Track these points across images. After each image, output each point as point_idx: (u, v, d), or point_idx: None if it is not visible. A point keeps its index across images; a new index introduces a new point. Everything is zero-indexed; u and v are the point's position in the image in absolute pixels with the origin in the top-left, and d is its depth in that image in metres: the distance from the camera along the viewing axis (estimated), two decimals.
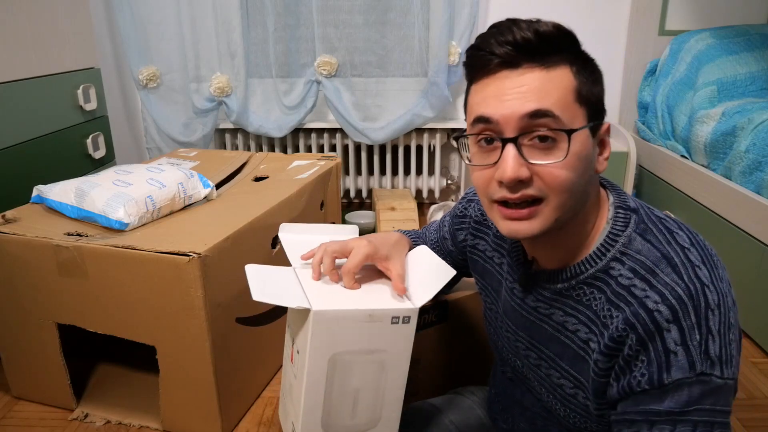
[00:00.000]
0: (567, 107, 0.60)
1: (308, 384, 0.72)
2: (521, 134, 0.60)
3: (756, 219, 1.59)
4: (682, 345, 0.55)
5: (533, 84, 0.59)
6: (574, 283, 0.66)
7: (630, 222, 0.64)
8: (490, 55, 0.60)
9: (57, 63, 1.71)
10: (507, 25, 0.61)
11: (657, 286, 0.58)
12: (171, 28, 2.41)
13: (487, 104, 0.61)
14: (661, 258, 0.60)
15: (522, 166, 0.60)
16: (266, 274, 0.81)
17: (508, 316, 0.78)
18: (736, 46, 2.09)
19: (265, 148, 2.65)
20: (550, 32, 0.60)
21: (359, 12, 2.43)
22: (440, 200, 2.73)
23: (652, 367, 0.57)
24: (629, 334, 0.58)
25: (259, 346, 1.42)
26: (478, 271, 0.87)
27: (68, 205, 1.31)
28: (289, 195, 1.49)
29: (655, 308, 0.57)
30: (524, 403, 0.81)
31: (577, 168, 0.60)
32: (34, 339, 1.32)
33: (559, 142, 0.59)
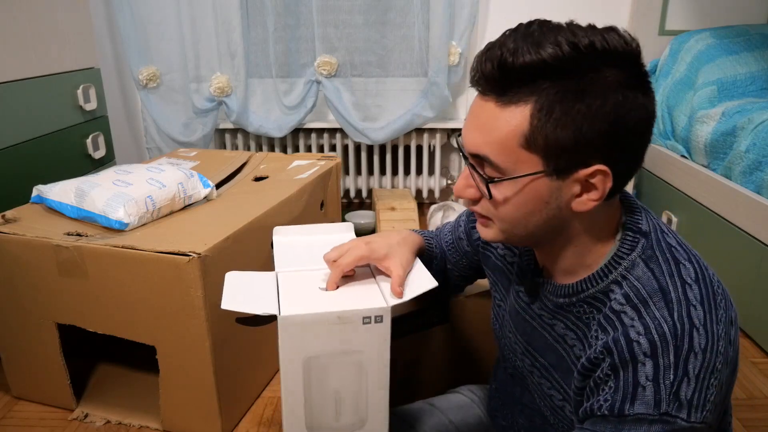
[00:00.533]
0: (509, 152, 0.57)
1: (285, 387, 0.72)
2: None
3: (756, 219, 1.59)
4: (653, 381, 0.54)
5: (485, 120, 0.58)
6: (575, 300, 0.65)
7: (637, 246, 0.62)
8: (471, 71, 0.60)
9: (57, 63, 1.71)
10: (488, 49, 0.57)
11: (645, 318, 0.57)
12: (171, 28, 2.41)
13: (466, 119, 0.62)
14: (658, 290, 0.58)
15: (470, 187, 0.63)
16: (245, 282, 0.80)
17: (512, 317, 0.77)
18: (736, 46, 2.09)
19: (265, 148, 2.65)
20: (523, 64, 0.54)
21: (359, 12, 2.43)
22: (440, 200, 2.73)
23: (617, 395, 0.56)
24: (605, 358, 0.58)
25: (259, 346, 1.42)
26: (490, 266, 0.86)
27: (68, 205, 1.31)
28: (289, 195, 1.49)
29: (636, 339, 0.56)
30: (523, 401, 0.82)
31: (514, 208, 0.60)
32: (34, 339, 1.32)
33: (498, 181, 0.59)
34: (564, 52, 0.53)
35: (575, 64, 0.54)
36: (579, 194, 0.58)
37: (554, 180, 0.57)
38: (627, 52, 0.55)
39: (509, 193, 0.59)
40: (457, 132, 0.70)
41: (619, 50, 0.54)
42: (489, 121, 0.57)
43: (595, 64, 0.54)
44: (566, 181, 0.57)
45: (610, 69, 0.54)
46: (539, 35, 0.55)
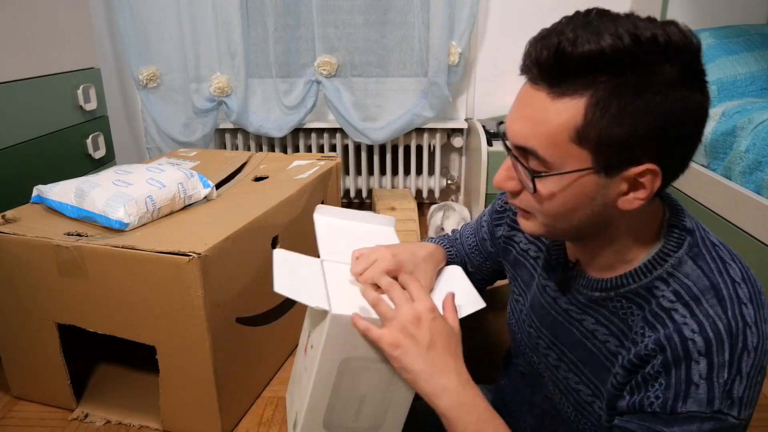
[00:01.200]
0: (558, 146, 0.55)
1: (316, 382, 0.72)
2: None
3: (756, 219, 1.59)
4: (707, 379, 0.54)
5: (534, 110, 0.56)
6: (613, 295, 0.64)
7: (684, 243, 0.60)
8: (523, 58, 0.57)
9: (57, 63, 1.71)
10: (550, 32, 0.54)
11: (698, 315, 0.56)
12: (171, 28, 2.41)
13: (511, 108, 0.60)
14: (710, 287, 0.57)
15: (511, 179, 0.61)
16: (293, 264, 0.79)
17: (535, 312, 0.76)
18: (736, 46, 2.09)
19: (265, 148, 2.65)
20: (583, 54, 0.51)
21: (359, 12, 2.43)
22: (440, 200, 2.73)
23: (669, 392, 0.55)
24: (657, 354, 0.57)
25: (259, 346, 1.42)
26: (510, 261, 0.84)
27: (68, 205, 1.31)
28: (289, 195, 1.49)
29: (691, 337, 0.55)
30: (534, 400, 0.81)
31: (558, 204, 0.58)
32: (34, 339, 1.32)
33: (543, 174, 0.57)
34: (625, 44, 0.51)
35: (635, 58, 0.51)
36: (626, 192, 0.57)
37: (602, 177, 0.56)
38: (687, 48, 0.53)
39: (554, 189, 0.57)
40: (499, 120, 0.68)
41: (680, 45, 0.52)
42: (539, 111, 0.55)
43: (655, 59, 0.52)
44: (614, 178, 0.56)
45: (669, 65, 0.52)
46: (598, 24, 0.52)
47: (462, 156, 2.74)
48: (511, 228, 0.84)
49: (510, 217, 0.85)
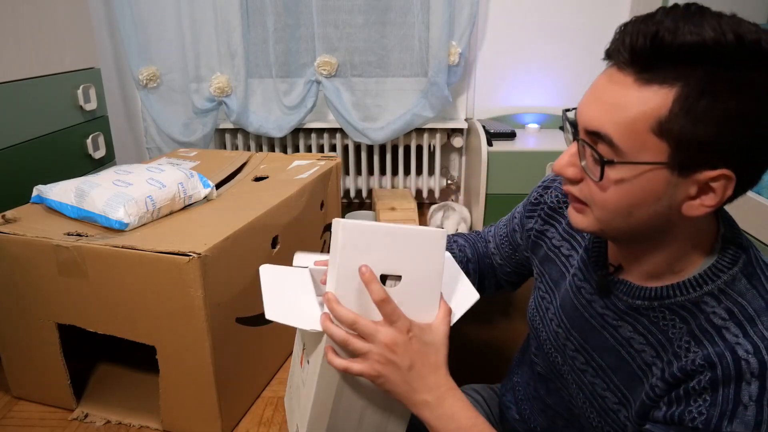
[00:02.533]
0: (635, 135, 0.53)
1: (316, 399, 0.71)
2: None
3: (756, 219, 1.59)
4: (757, 402, 0.52)
5: (617, 94, 0.53)
6: (657, 305, 0.62)
7: (739, 260, 0.58)
8: (613, 41, 0.55)
9: (57, 63, 1.71)
10: (647, 18, 0.52)
11: (753, 336, 0.54)
12: (171, 28, 2.41)
13: (585, 95, 0.58)
14: (765, 309, 0.55)
15: (573, 166, 0.59)
16: (282, 281, 0.77)
17: (566, 312, 0.74)
18: None
19: (265, 148, 2.65)
20: (683, 44, 0.49)
21: (359, 12, 2.43)
22: (440, 200, 2.73)
23: (714, 410, 0.53)
24: (705, 371, 0.55)
25: (259, 346, 1.42)
26: (540, 256, 0.82)
27: (68, 205, 1.31)
28: (289, 195, 1.49)
29: (745, 357, 0.53)
30: (548, 402, 0.79)
31: (621, 196, 0.56)
32: (34, 339, 1.32)
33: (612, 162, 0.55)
34: (728, 40, 0.49)
35: (735, 57, 0.49)
36: (694, 197, 0.55)
37: (674, 175, 0.53)
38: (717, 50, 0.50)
39: (624, 177, 0.54)
40: (565, 109, 0.65)
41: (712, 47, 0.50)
42: (621, 96, 0.53)
43: (755, 63, 0.50)
44: (686, 179, 0.53)
45: (765, 71, 0.50)
46: (701, 18, 0.50)
47: (462, 156, 2.74)
48: (544, 222, 0.82)
49: (545, 211, 0.82)
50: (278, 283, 0.76)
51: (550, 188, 0.83)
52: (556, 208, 0.81)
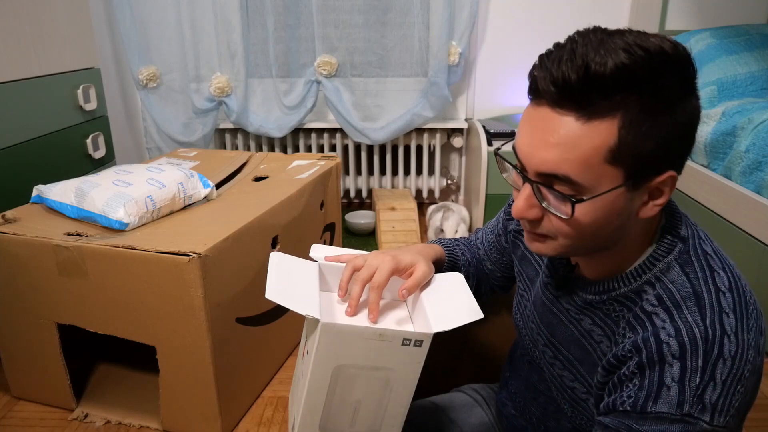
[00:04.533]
0: (592, 169, 0.54)
1: (310, 388, 0.72)
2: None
3: (756, 219, 1.59)
4: (678, 383, 0.55)
5: (561, 135, 0.54)
6: (605, 298, 0.65)
7: (674, 250, 0.62)
8: (540, 81, 0.55)
9: (57, 63, 1.71)
10: (558, 55, 0.54)
11: (677, 321, 0.57)
12: (171, 28, 2.41)
13: (521, 135, 0.59)
14: (692, 295, 0.58)
15: (533, 207, 0.60)
16: (288, 268, 0.79)
17: (537, 308, 0.78)
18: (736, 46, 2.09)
19: (265, 148, 2.65)
20: (610, 72, 0.51)
21: (359, 12, 2.43)
22: (440, 200, 2.73)
23: (641, 392, 0.56)
24: (633, 356, 0.58)
25: (259, 346, 1.42)
26: (518, 256, 0.86)
27: (68, 205, 1.31)
28: (289, 195, 1.49)
29: (666, 340, 0.56)
30: (539, 388, 0.82)
31: (589, 222, 0.58)
32: (34, 339, 1.32)
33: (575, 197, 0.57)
34: (638, 56, 0.51)
35: (652, 71, 0.52)
36: (646, 202, 0.58)
37: (630, 191, 0.56)
38: (687, 57, 0.54)
39: (590, 210, 0.56)
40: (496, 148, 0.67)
41: (681, 55, 0.54)
42: (569, 137, 0.54)
43: (666, 70, 0.53)
44: (640, 190, 0.57)
45: (675, 75, 0.53)
46: (608, 40, 0.52)
47: (462, 156, 2.74)
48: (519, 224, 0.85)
49: None
50: (285, 270, 0.78)
51: None
52: None
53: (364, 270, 0.77)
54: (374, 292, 0.75)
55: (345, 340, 0.69)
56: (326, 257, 0.84)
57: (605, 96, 0.52)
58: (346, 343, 0.69)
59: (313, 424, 0.74)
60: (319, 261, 0.83)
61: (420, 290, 0.81)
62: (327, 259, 0.84)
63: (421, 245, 0.90)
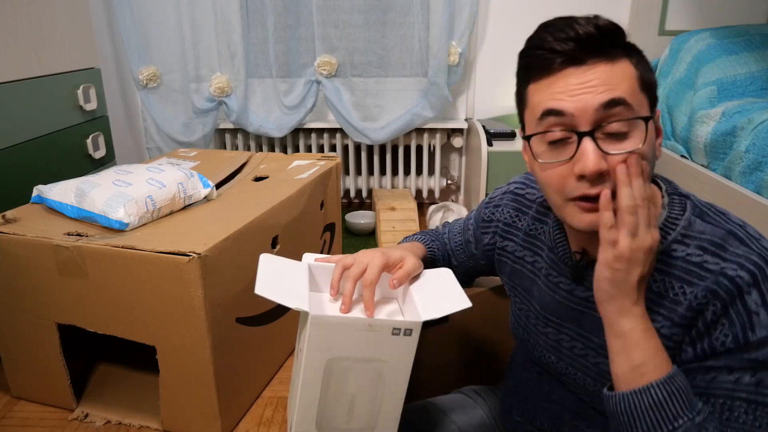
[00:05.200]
0: (636, 95, 0.61)
1: (304, 383, 0.72)
2: (596, 127, 0.61)
3: (756, 219, 1.59)
4: (764, 306, 0.59)
5: (601, 77, 0.60)
6: None
7: (687, 207, 0.67)
8: (551, 53, 0.61)
9: (57, 63, 1.71)
10: (565, 22, 0.61)
11: (730, 258, 0.61)
12: (171, 28, 2.41)
13: (557, 100, 0.62)
14: (727, 234, 0.63)
15: (601, 158, 0.61)
16: (278, 268, 0.80)
17: (550, 311, 0.77)
18: (736, 46, 2.09)
19: (265, 148, 2.65)
20: (609, 26, 0.61)
21: (359, 12, 2.43)
22: (440, 200, 2.73)
23: (735, 327, 0.59)
24: (710, 301, 0.60)
25: (259, 346, 1.42)
26: (507, 272, 0.87)
27: (68, 205, 1.31)
28: (289, 195, 1.49)
29: (736, 274, 0.60)
30: (552, 397, 0.81)
31: (650, 154, 0.63)
32: (34, 339, 1.32)
33: (632, 130, 0.61)
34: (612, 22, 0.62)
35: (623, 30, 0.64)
36: (656, 138, 0.65)
37: (652, 122, 0.63)
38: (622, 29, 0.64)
39: (650, 136, 0.62)
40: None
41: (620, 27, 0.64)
42: (609, 76, 0.61)
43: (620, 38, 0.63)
44: (653, 124, 0.64)
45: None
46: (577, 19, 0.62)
47: (462, 156, 2.74)
48: (503, 238, 0.87)
49: (500, 228, 0.88)
50: (275, 270, 0.79)
51: (500, 206, 0.89)
52: (510, 223, 0.87)
53: (355, 267, 0.78)
54: (367, 290, 0.76)
55: (335, 332, 0.70)
56: (316, 259, 0.85)
57: (615, 44, 0.62)
58: (337, 334, 0.70)
59: (309, 421, 0.74)
60: (309, 263, 0.84)
61: (409, 284, 0.81)
62: (317, 260, 0.84)
63: (407, 243, 0.94)
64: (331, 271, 0.82)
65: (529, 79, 0.65)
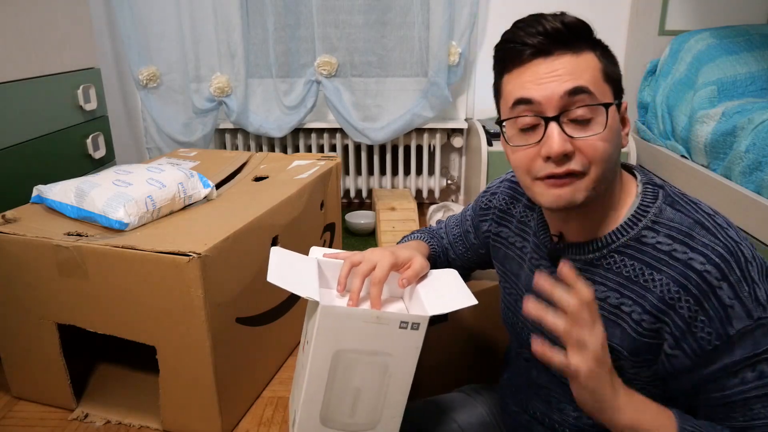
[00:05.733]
0: (598, 85, 0.66)
1: (310, 375, 0.72)
2: (561, 113, 0.66)
3: (756, 219, 1.59)
4: (736, 299, 0.61)
5: (566, 67, 0.66)
6: (605, 252, 0.70)
7: (659, 195, 0.70)
8: (522, 46, 0.67)
9: (57, 63, 1.71)
10: (534, 19, 0.67)
11: (697, 248, 0.64)
12: (171, 28, 2.41)
13: (526, 88, 0.67)
14: (695, 223, 0.66)
15: (566, 141, 0.66)
16: (289, 260, 0.81)
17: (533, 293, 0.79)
18: (736, 46, 2.10)
19: (265, 148, 2.65)
20: (575, 22, 0.66)
21: (359, 12, 2.43)
22: (440, 200, 2.73)
23: (714, 323, 0.62)
24: (682, 295, 0.63)
25: (259, 346, 1.42)
26: (500, 258, 0.90)
27: (68, 205, 1.31)
28: (289, 195, 1.49)
29: (703, 269, 0.62)
30: (539, 382, 0.82)
31: (612, 140, 0.67)
32: (34, 339, 1.32)
33: (595, 117, 0.66)
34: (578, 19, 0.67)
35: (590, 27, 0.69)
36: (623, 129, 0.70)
37: (617, 111, 0.68)
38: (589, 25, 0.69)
39: (611, 122, 0.66)
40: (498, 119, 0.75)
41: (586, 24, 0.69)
42: (573, 66, 0.66)
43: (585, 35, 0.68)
44: (619, 114, 0.69)
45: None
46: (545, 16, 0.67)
47: (462, 156, 2.74)
48: (498, 224, 0.91)
49: (496, 214, 0.91)
50: (286, 262, 0.81)
51: (496, 194, 0.93)
52: (505, 210, 0.90)
53: (364, 264, 0.80)
54: (375, 288, 0.78)
55: (344, 324, 0.70)
56: (324, 255, 0.86)
57: (580, 38, 0.67)
58: (345, 326, 0.70)
59: (313, 415, 0.75)
60: (318, 258, 0.85)
61: (416, 283, 0.83)
62: (325, 256, 0.86)
63: (412, 242, 0.96)
64: (339, 267, 0.83)
65: (503, 70, 0.70)
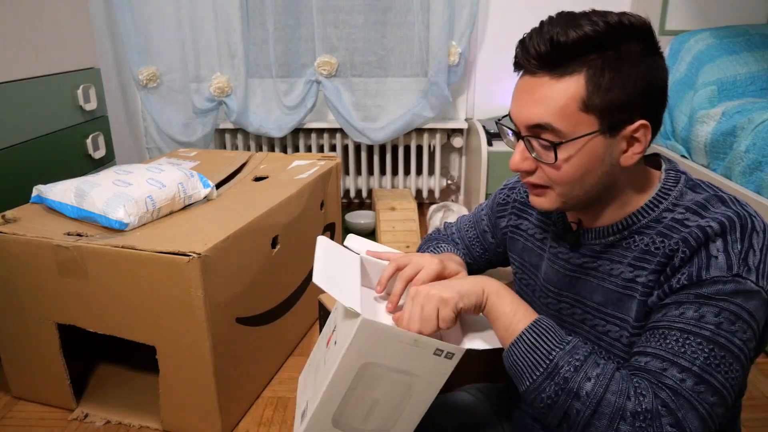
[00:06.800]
0: (568, 117, 0.65)
1: (333, 379, 0.72)
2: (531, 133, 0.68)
3: None
4: (724, 251, 0.63)
5: (541, 93, 0.66)
6: (627, 234, 0.72)
7: (680, 179, 0.72)
8: (516, 58, 0.68)
9: (57, 63, 1.71)
10: (538, 30, 0.66)
11: (709, 214, 0.66)
12: (171, 28, 2.41)
13: (513, 102, 0.70)
14: (713, 196, 0.69)
15: (527, 159, 0.70)
16: (334, 255, 0.80)
17: (551, 281, 0.82)
18: (736, 46, 2.09)
19: (265, 148, 2.65)
20: (574, 39, 0.63)
21: (359, 12, 2.43)
22: (440, 200, 2.73)
23: (692, 267, 0.64)
24: (680, 248, 0.65)
25: (259, 346, 1.42)
26: (518, 250, 0.91)
27: (68, 205, 1.31)
28: (289, 195, 1.49)
29: (707, 224, 0.65)
30: None
31: (574, 168, 0.67)
32: (34, 339, 1.32)
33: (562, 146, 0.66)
34: (600, 27, 0.63)
35: (611, 37, 0.64)
36: (626, 150, 0.68)
37: (607, 138, 0.66)
38: (645, 26, 0.66)
39: (572, 154, 0.66)
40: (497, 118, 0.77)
41: (639, 24, 0.65)
42: (546, 93, 0.65)
43: (624, 36, 0.65)
44: (616, 138, 0.67)
45: (635, 41, 0.65)
46: (574, 19, 0.65)
47: (462, 156, 2.74)
48: (518, 217, 0.91)
49: (516, 207, 0.92)
50: (331, 258, 0.79)
51: (515, 188, 0.94)
52: (525, 203, 0.91)
53: (409, 268, 0.79)
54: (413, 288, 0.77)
55: (380, 340, 0.69)
56: (368, 251, 0.85)
57: (570, 58, 0.64)
58: (381, 342, 0.69)
59: (326, 415, 0.74)
60: (361, 255, 0.84)
61: None
62: (368, 254, 0.85)
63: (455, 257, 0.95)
64: (382, 268, 0.82)
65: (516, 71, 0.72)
